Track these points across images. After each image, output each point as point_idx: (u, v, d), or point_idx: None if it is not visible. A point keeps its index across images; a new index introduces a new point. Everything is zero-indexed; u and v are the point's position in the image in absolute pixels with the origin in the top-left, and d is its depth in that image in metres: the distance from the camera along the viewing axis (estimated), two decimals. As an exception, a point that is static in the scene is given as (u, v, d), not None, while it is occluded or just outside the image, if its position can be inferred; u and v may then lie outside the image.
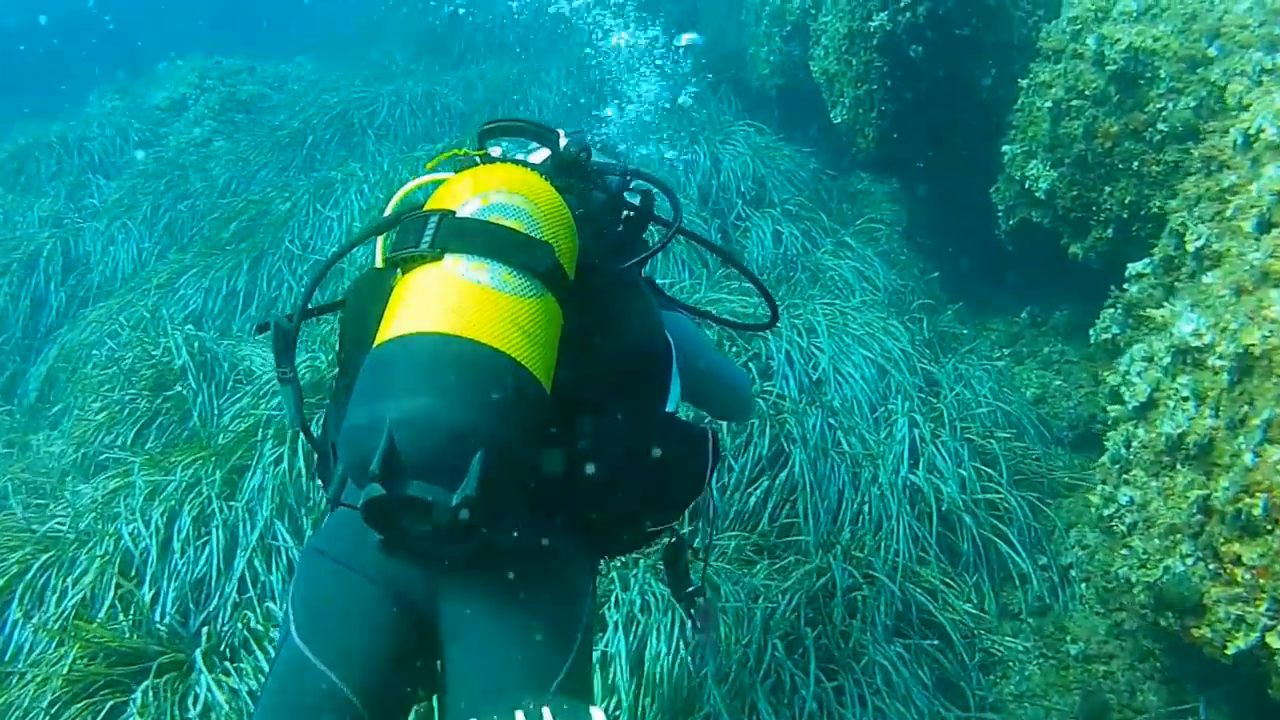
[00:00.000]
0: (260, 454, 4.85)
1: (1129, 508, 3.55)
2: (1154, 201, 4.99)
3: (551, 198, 1.83)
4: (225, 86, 11.65)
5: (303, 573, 1.85)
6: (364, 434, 1.54)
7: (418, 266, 1.70)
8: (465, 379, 1.55)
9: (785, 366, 4.87)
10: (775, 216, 7.02)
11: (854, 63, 6.20)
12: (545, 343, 1.68)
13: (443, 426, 1.52)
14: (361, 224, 7.35)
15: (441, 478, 1.51)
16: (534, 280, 1.69)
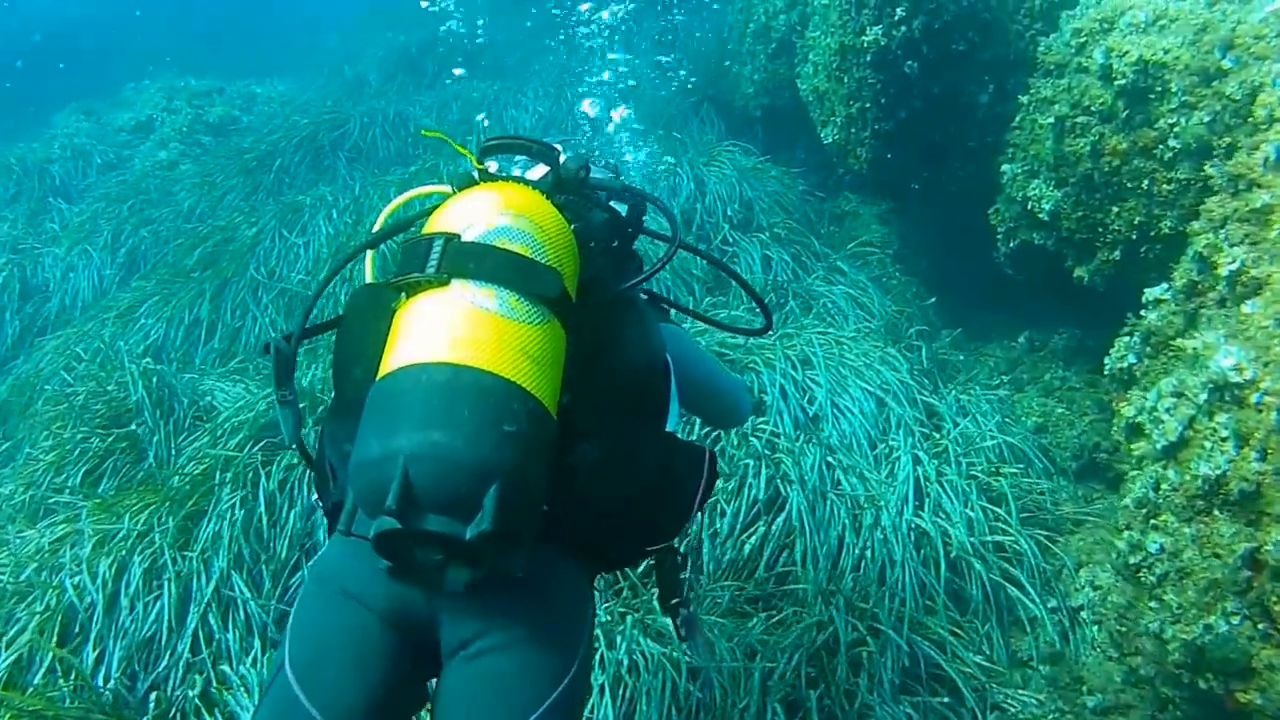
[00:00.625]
0: (218, 499, 4.52)
1: (1159, 556, 3.26)
2: (1164, 222, 4.74)
3: (555, 219, 1.81)
4: (193, 108, 11.31)
5: (302, 601, 1.83)
6: (377, 467, 1.52)
7: (423, 291, 1.67)
8: (479, 412, 1.53)
9: (779, 401, 4.57)
10: (763, 241, 6.74)
11: (846, 80, 5.94)
12: (552, 369, 1.67)
13: (458, 461, 1.50)
14: (329, 251, 7.04)
15: (457, 512, 1.50)
16: (540, 306, 1.67)
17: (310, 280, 6.86)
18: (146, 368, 5.76)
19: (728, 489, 4.06)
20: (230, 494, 4.44)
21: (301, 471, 4.59)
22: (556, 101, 9.64)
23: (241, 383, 5.84)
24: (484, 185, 1.88)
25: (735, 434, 4.29)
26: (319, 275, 6.91)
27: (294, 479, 4.53)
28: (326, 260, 7.01)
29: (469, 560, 1.57)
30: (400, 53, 12.20)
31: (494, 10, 12.46)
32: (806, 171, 8.32)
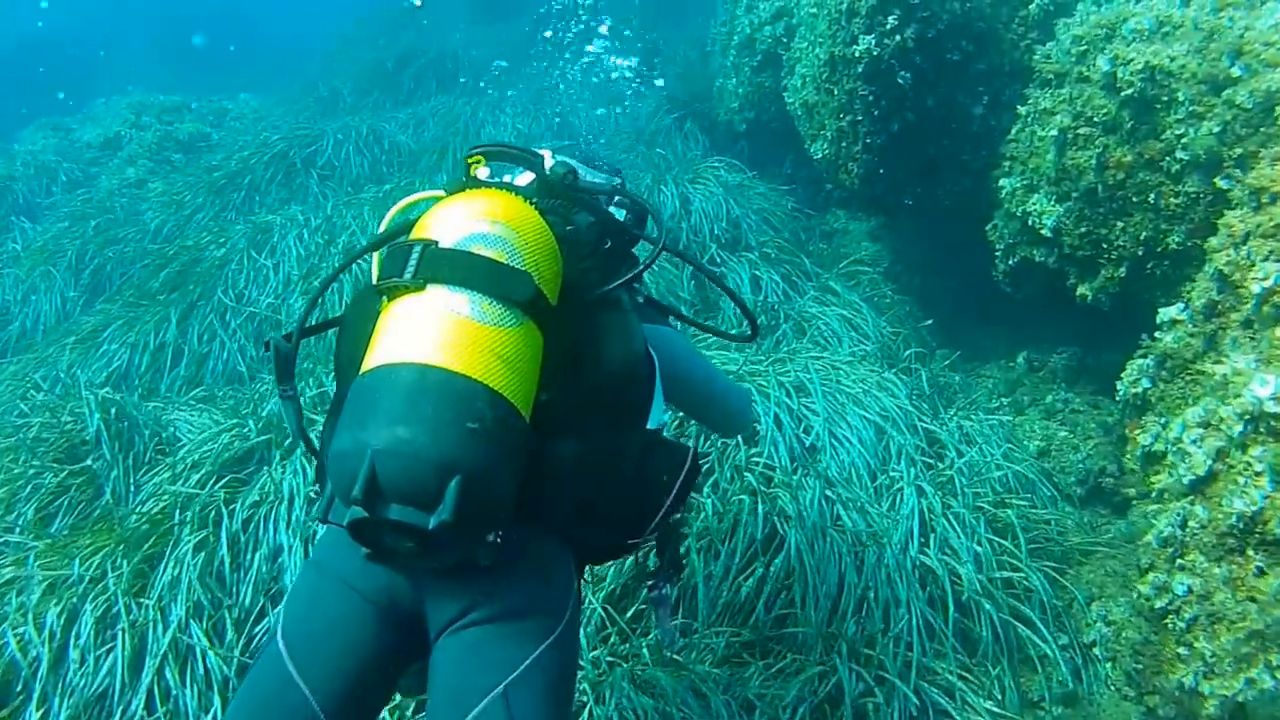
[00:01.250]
0: (177, 539, 4.23)
1: (1187, 599, 3.02)
2: (1172, 237, 4.54)
3: (535, 225, 1.86)
4: (162, 124, 10.98)
5: (299, 581, 1.96)
6: (348, 460, 1.61)
7: (402, 295, 1.73)
8: (443, 410, 1.60)
9: (774, 431, 4.32)
10: (752, 260, 6.50)
11: (836, 92, 5.72)
12: (525, 370, 1.72)
13: (421, 456, 1.58)
14: (300, 272, 6.76)
15: (420, 503, 1.58)
16: (514, 309, 1.72)
17: (280, 304, 6.58)
18: (105, 397, 5.45)
19: (722, 528, 3.80)
20: (190, 534, 4.15)
21: (269, 510, 4.31)
22: (535, 119, 9.39)
23: (207, 412, 5.54)
24: (468, 192, 1.94)
25: (729, 468, 4.05)
26: (290, 299, 6.63)
27: (259, 517, 4.25)
28: (297, 283, 6.73)
29: (434, 549, 1.63)
30: (376, 68, 11.92)
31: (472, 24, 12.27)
32: (794, 188, 8.11)
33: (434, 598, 1.83)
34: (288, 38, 17.26)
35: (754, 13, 8.08)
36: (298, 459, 4.49)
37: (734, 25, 8.37)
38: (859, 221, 7.88)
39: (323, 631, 1.84)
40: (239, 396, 5.69)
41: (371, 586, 1.83)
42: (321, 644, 1.83)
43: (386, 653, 1.85)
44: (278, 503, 4.24)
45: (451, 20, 12.89)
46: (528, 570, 1.86)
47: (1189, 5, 4.64)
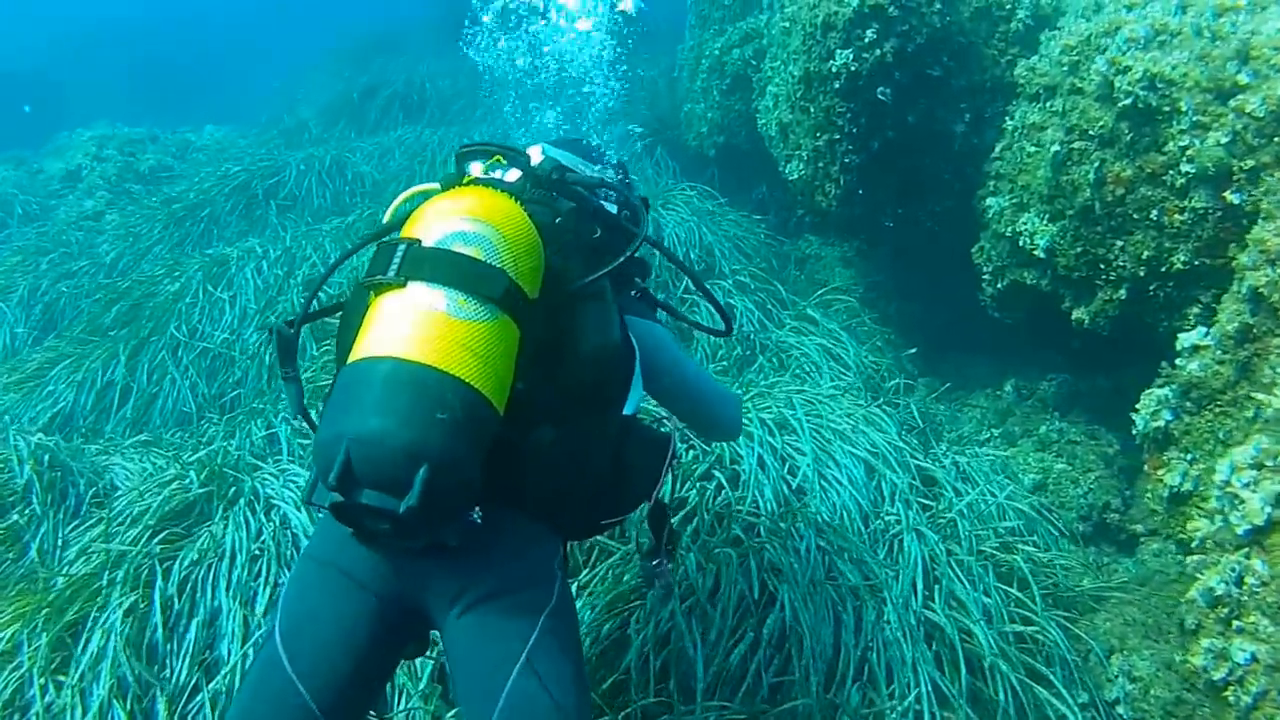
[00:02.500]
0: (106, 602, 3.63)
1: (1251, 668, 2.51)
2: (1177, 256, 4.08)
3: (515, 221, 1.88)
4: (124, 156, 10.34)
5: (293, 577, 1.97)
6: (328, 447, 1.66)
7: (386, 291, 1.77)
8: (414, 401, 1.64)
9: (757, 473, 3.79)
10: (726, 289, 6.00)
11: (812, 109, 5.23)
12: (497, 361, 1.75)
13: (391, 445, 1.62)
14: (257, 306, 6.19)
15: (391, 488, 1.63)
16: (488, 305, 1.75)
17: (234, 339, 6.00)
18: (39, 444, 4.84)
19: (705, 585, 3.25)
20: (121, 597, 3.56)
21: (207, 569, 3.73)
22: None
23: (150, 458, 4.94)
24: (456, 190, 1.96)
25: (709, 516, 3.51)
26: (245, 332, 6.06)
27: (198, 576, 3.66)
28: (254, 316, 6.16)
29: (409, 530, 1.67)
30: (343, 100, 11.38)
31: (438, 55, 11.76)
32: (766, 214, 7.64)
33: (428, 580, 1.87)
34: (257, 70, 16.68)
35: (723, 36, 7.64)
36: (240, 511, 3.92)
37: (702, 49, 7.91)
38: (832, 247, 7.41)
39: (318, 628, 1.87)
40: (184, 442, 5.09)
41: (366, 572, 1.87)
42: (317, 641, 1.85)
43: (382, 640, 1.89)
44: (218, 560, 3.66)
45: (419, 51, 12.37)
46: (514, 548, 1.91)
47: (1185, 12, 4.18)
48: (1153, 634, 3.71)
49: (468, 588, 1.85)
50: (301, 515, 3.80)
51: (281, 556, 3.64)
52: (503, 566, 1.88)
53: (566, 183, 2.17)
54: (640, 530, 3.16)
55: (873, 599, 3.38)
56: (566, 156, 2.45)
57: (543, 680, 1.81)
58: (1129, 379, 5.06)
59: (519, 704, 1.79)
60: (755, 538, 3.49)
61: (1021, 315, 5.00)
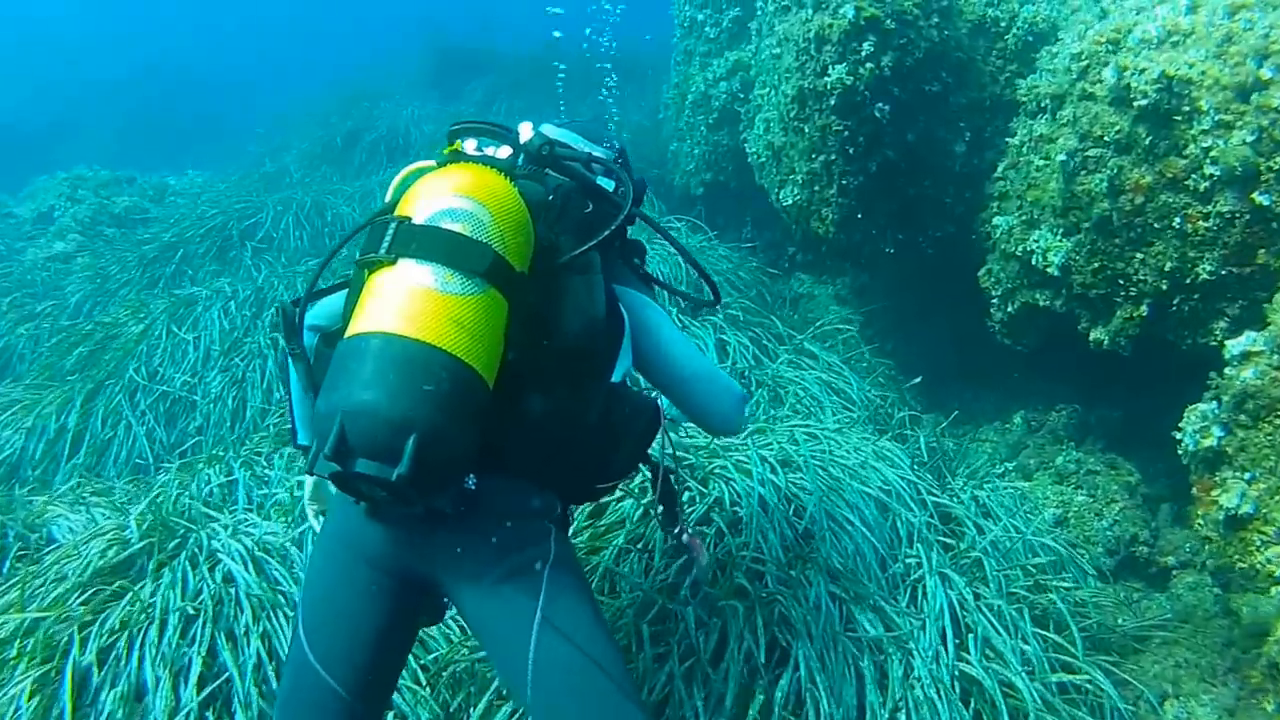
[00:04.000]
0: (6, 680, 3.12)
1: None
2: (1203, 266, 3.74)
3: (504, 196, 1.89)
4: (98, 198, 9.88)
5: (310, 565, 2.05)
6: (324, 420, 1.70)
7: (379, 269, 1.80)
8: (401, 374, 1.67)
9: (760, 516, 3.35)
10: (717, 324, 5.59)
11: (807, 130, 4.89)
12: (485, 334, 1.77)
13: (381, 416, 1.65)
14: (221, 348, 5.76)
15: (383, 458, 1.66)
16: (475, 279, 1.77)
17: (197, 381, 5.56)
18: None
19: (708, 645, 2.80)
20: (29, 670, 3.07)
21: (136, 634, 3.24)
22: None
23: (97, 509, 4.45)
24: (446, 168, 1.96)
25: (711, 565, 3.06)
26: (208, 375, 5.62)
27: (122, 644, 3.18)
28: (217, 358, 5.73)
29: (406, 496, 1.69)
30: (325, 145, 11.05)
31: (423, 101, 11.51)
32: (755, 250, 7.27)
33: (432, 550, 1.90)
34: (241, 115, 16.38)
35: (709, 69, 7.34)
36: (180, 566, 3.45)
37: (687, 85, 7.62)
38: (825, 285, 7.07)
39: (335, 613, 1.92)
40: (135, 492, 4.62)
41: (373, 550, 1.91)
42: (336, 627, 1.91)
43: (396, 615, 1.93)
44: (147, 624, 3.18)
45: (403, 98, 12.09)
46: (509, 511, 1.93)
47: (1196, 12, 3.87)
48: (1208, 677, 3.31)
49: (470, 554, 1.89)
50: (249, 572, 3.34)
51: (221, 619, 3.17)
52: (501, 531, 1.91)
53: (557, 158, 2.16)
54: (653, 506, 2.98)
55: (898, 652, 2.94)
56: (562, 134, 2.40)
57: (564, 633, 1.86)
58: (1144, 406, 4.71)
59: (548, 663, 1.85)
60: (762, 588, 3.05)
61: (1034, 340, 4.62)
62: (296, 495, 3.98)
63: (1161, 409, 4.66)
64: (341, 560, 1.96)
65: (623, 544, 3.25)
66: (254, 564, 3.48)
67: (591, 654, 1.87)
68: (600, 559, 3.21)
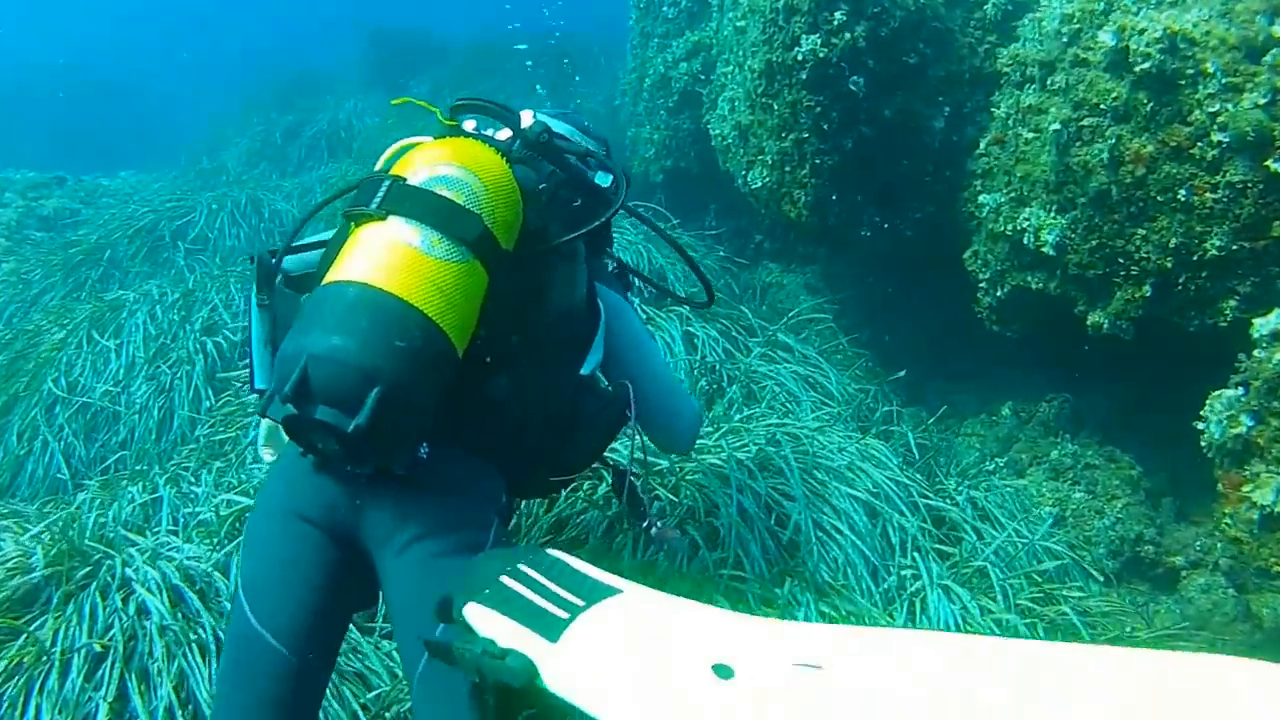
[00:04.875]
0: None
1: None
2: (1211, 241, 3.46)
3: (499, 173, 1.89)
4: (25, 201, 9.28)
5: (248, 526, 2.01)
6: (288, 362, 1.68)
7: (367, 223, 1.80)
8: (375, 325, 1.66)
9: (739, 525, 3.01)
10: (683, 315, 5.25)
11: (776, 106, 4.57)
12: (462, 303, 1.76)
13: (349, 363, 1.64)
14: (146, 354, 5.32)
15: (343, 407, 1.63)
16: (461, 247, 1.77)
17: (120, 392, 5.13)
18: None
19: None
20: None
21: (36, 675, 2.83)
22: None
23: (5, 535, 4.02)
24: (446, 140, 1.97)
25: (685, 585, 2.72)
26: (132, 385, 5.19)
27: (16, 689, 2.77)
28: (142, 366, 5.29)
29: (357, 452, 1.69)
30: (265, 140, 10.57)
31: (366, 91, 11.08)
32: (720, 238, 6.94)
33: (370, 512, 1.84)
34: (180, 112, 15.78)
35: (667, 51, 7.00)
36: (88, 597, 3.04)
37: (645, 68, 7.27)
38: (794, 274, 6.75)
39: (273, 572, 1.87)
40: (50, 513, 4.19)
41: (312, 508, 1.87)
42: (274, 585, 1.85)
43: (336, 577, 1.87)
44: (47, 669, 2.78)
45: (347, 90, 11.64)
46: (455, 489, 1.89)
47: (1195, -29, 3.59)
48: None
49: (404, 525, 1.83)
50: (163, 603, 2.94)
51: (134, 656, 2.78)
52: (441, 508, 1.86)
53: (554, 148, 2.11)
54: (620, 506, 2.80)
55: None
56: (561, 126, 2.37)
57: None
58: (1138, 393, 4.45)
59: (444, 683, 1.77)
60: (743, 607, 2.72)
61: (1025, 326, 4.33)
62: (224, 514, 3.60)
63: (1157, 396, 4.41)
64: (282, 517, 1.91)
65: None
66: (171, 593, 3.09)
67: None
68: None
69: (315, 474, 1.85)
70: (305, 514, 1.87)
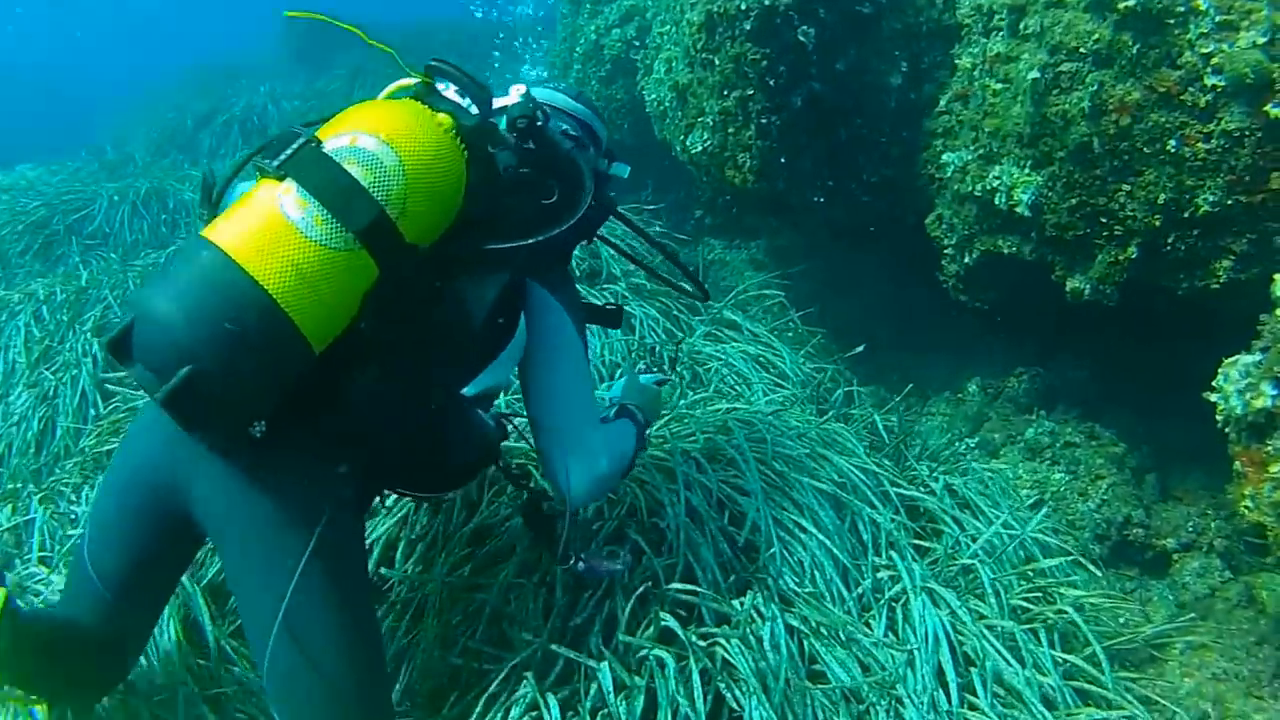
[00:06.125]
0: None
1: None
2: (1203, 196, 3.14)
3: (431, 156, 1.71)
4: (-93, 201, 8.61)
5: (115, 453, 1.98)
6: (128, 308, 1.60)
7: (265, 181, 1.67)
8: (211, 300, 1.53)
9: (689, 527, 2.59)
10: (618, 294, 4.84)
11: (717, 62, 4.16)
12: (329, 294, 1.60)
13: (167, 334, 1.53)
14: (28, 360, 4.75)
15: (156, 370, 1.53)
16: (345, 234, 1.61)
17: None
18: None
19: (632, 711, 2.04)
20: None
21: None
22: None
23: None
24: (391, 103, 1.81)
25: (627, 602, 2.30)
26: (11, 395, 4.63)
27: None
28: (25, 371, 4.73)
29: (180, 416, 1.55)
30: (175, 128, 9.86)
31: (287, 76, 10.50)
32: (659, 213, 6.52)
33: (201, 481, 1.73)
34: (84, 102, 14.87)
35: (599, 18, 6.57)
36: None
37: (576, 38, 6.83)
38: (738, 250, 6.40)
39: (109, 516, 1.86)
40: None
41: (154, 463, 1.79)
42: (108, 529, 1.85)
43: (164, 535, 1.82)
44: None
45: (265, 75, 11.02)
46: (290, 476, 1.72)
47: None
48: (1254, 689, 2.70)
49: (229, 508, 1.72)
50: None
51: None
52: (272, 493, 1.71)
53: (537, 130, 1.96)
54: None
55: (884, 700, 2.22)
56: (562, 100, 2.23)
57: (301, 643, 1.69)
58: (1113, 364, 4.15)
59: (281, 673, 1.70)
60: (696, 627, 2.31)
61: (996, 295, 3.98)
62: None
63: (1136, 367, 4.11)
64: (132, 461, 1.86)
65: (514, 576, 2.48)
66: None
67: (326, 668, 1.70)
68: (485, 598, 2.43)
69: (162, 426, 1.71)
70: (147, 465, 1.81)
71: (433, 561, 2.63)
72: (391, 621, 2.49)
